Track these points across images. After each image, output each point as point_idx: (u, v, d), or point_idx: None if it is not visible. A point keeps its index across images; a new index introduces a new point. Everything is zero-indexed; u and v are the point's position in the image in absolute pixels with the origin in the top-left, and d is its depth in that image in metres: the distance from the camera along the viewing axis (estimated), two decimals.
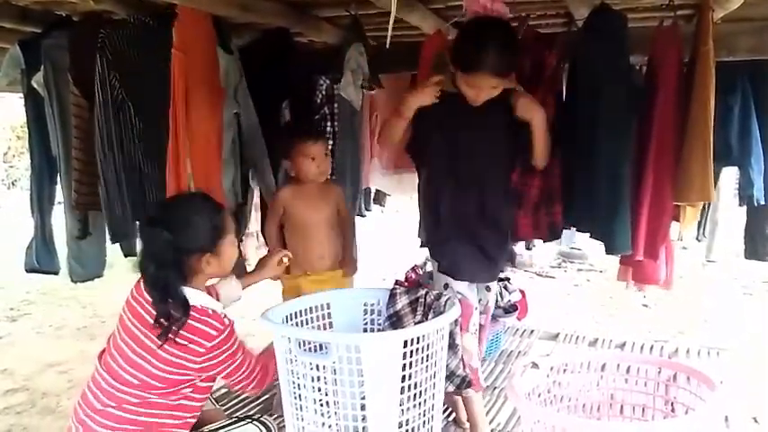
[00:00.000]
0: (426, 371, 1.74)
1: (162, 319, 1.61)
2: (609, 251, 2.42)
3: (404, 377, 1.69)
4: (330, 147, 3.04)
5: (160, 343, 1.61)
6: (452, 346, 1.98)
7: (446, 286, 2.15)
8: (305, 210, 2.49)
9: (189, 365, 1.65)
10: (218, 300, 1.87)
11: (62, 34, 2.50)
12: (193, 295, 1.68)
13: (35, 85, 2.59)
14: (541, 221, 2.54)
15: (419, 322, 1.97)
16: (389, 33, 2.15)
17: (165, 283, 1.63)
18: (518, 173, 2.41)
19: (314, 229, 2.50)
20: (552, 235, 2.60)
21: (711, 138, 2.16)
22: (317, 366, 1.69)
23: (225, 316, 1.71)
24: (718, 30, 2.20)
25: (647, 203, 2.33)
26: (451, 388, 2.09)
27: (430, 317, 1.96)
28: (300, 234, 2.51)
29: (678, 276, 2.76)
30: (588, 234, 2.51)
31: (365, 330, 2.12)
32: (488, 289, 2.25)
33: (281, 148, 2.52)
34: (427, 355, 1.73)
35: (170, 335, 1.61)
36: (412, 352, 1.68)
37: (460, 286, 2.14)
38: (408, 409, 1.73)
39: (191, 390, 1.71)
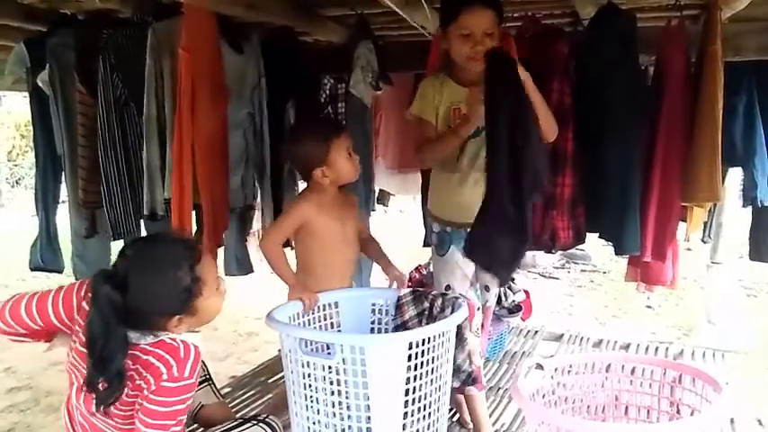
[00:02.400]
0: (432, 373, 1.74)
1: (92, 386, 1.40)
2: (618, 252, 2.42)
3: (408, 379, 1.69)
4: None
5: (93, 410, 1.43)
6: (460, 340, 1.98)
7: (448, 287, 2.14)
8: (333, 223, 2.05)
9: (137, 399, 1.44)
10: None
11: (67, 33, 2.50)
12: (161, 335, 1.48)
13: (40, 84, 2.59)
14: (573, 225, 2.44)
15: None
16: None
17: (107, 350, 1.38)
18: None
19: (340, 248, 2.10)
20: (579, 240, 2.49)
21: (719, 138, 2.15)
22: (322, 366, 1.69)
23: (197, 359, 1.46)
24: (725, 30, 2.20)
25: (655, 204, 2.33)
26: (457, 383, 2.09)
27: None
28: (324, 253, 2.08)
29: (682, 278, 2.76)
30: (597, 235, 2.50)
31: (372, 331, 2.12)
32: (487, 289, 2.24)
33: (311, 155, 2.02)
34: (433, 358, 1.73)
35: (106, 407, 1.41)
36: (417, 354, 1.68)
37: (462, 288, 2.14)
38: (413, 412, 1.73)
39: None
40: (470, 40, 1.95)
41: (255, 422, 1.76)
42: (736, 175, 3.45)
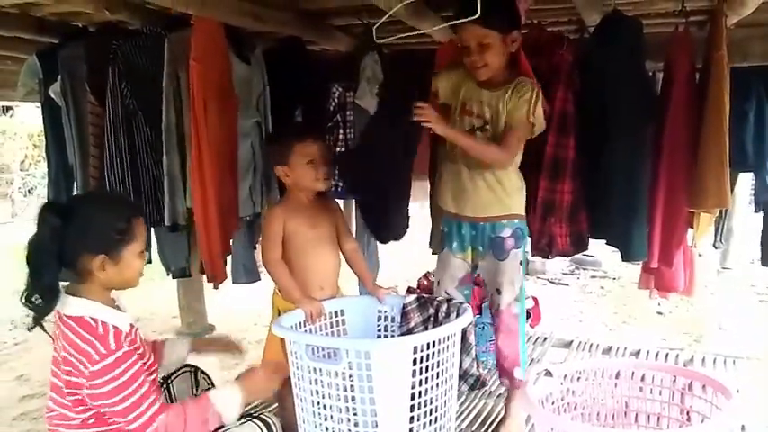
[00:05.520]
0: (438, 377, 1.75)
1: (28, 300, 1.52)
2: (625, 258, 2.42)
3: (414, 384, 1.70)
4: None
5: (30, 326, 1.56)
6: (466, 345, 2.00)
7: (438, 283, 2.25)
8: (301, 227, 2.07)
9: (80, 385, 1.51)
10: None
11: (79, 44, 2.54)
12: (82, 305, 1.55)
13: (52, 95, 2.63)
14: (573, 232, 2.46)
15: None
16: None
17: (39, 264, 1.51)
18: (545, 180, 2.36)
19: (312, 252, 2.09)
20: (580, 247, 2.50)
21: (727, 143, 2.15)
22: (329, 372, 1.70)
23: (118, 334, 1.52)
24: (731, 35, 2.20)
25: (662, 210, 2.33)
26: (465, 387, 2.11)
27: None
28: (296, 258, 2.08)
29: None
30: (604, 241, 2.49)
31: (379, 337, 2.13)
32: (498, 292, 2.24)
33: (277, 152, 2.12)
34: (438, 362, 1.73)
35: (41, 323, 1.54)
36: (422, 358, 1.69)
37: (450, 286, 2.24)
38: (420, 416, 1.73)
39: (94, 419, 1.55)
40: (467, 51, 2.04)
41: (249, 418, 1.75)
42: (746, 180, 3.44)
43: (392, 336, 2.11)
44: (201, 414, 1.58)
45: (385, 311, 2.15)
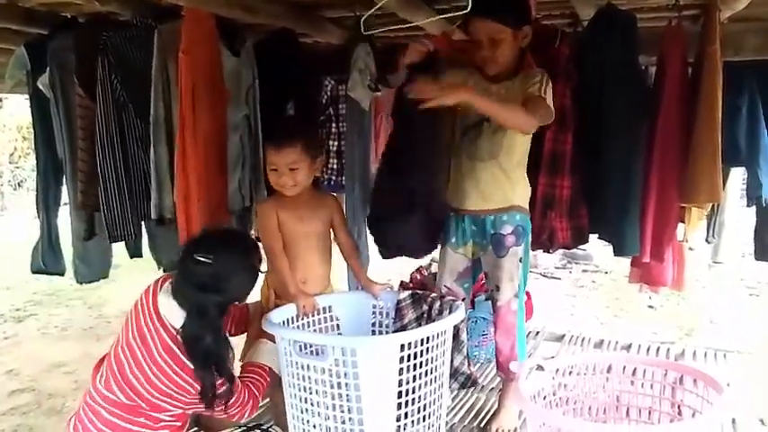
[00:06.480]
0: (428, 374, 1.74)
1: (209, 394, 1.64)
2: (618, 253, 2.42)
3: (404, 381, 1.69)
4: (336, 148, 3.05)
5: (204, 408, 1.68)
6: (457, 342, 1.99)
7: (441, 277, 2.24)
8: (290, 219, 2.11)
9: (180, 398, 1.65)
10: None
11: (68, 36, 2.50)
12: None
13: (41, 87, 2.60)
14: (573, 226, 2.45)
15: None
16: None
17: (219, 357, 1.64)
18: (545, 175, 2.35)
19: (297, 247, 2.11)
20: (580, 240, 2.49)
21: (719, 138, 2.15)
22: (315, 368, 1.69)
23: None
24: (724, 29, 2.20)
25: (653, 205, 2.33)
26: (456, 386, 2.11)
27: None
28: (286, 249, 2.11)
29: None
30: (597, 235, 2.50)
31: (373, 333, 2.13)
32: (497, 288, 2.23)
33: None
34: (428, 359, 1.73)
35: (213, 403, 1.67)
36: (411, 355, 1.69)
37: (449, 280, 2.25)
38: (411, 413, 1.73)
39: (173, 419, 1.69)
40: (478, 45, 2.04)
41: (258, 431, 1.77)
42: (737, 174, 3.44)
43: (386, 332, 2.10)
44: (266, 379, 1.88)
45: (379, 307, 2.14)
